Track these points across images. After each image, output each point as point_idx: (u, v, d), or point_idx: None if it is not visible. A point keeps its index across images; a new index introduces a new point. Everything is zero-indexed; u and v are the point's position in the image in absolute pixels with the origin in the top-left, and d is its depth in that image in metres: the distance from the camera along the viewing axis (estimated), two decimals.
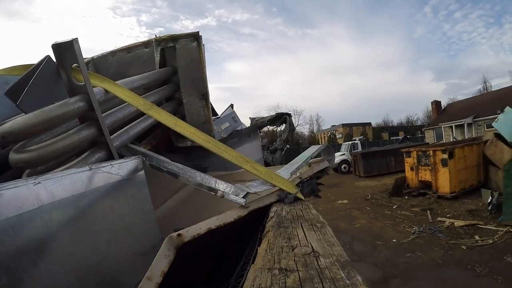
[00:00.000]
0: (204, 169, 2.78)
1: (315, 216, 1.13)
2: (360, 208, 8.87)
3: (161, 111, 1.62)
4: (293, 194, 1.40)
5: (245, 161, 1.45)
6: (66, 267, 0.98)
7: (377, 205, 9.00)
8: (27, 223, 0.89)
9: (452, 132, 22.24)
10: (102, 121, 1.49)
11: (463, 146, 8.66)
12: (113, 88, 1.64)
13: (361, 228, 7.06)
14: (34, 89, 1.45)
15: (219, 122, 3.57)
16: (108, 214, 1.19)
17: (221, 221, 1.11)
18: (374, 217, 7.77)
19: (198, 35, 2.55)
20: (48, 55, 1.53)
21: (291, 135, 4.41)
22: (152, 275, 0.81)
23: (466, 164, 8.51)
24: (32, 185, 0.93)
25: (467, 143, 9.36)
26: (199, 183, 1.43)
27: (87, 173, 1.14)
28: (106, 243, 1.15)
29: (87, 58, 2.65)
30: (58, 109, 1.30)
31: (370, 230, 6.81)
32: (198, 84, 2.67)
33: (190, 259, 1.26)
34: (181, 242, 0.94)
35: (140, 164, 1.43)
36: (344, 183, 13.99)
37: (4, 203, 0.85)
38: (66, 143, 1.33)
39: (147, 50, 2.62)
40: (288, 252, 0.77)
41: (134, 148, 1.79)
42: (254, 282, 0.62)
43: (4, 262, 0.82)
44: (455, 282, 4.06)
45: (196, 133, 1.54)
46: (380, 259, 5.16)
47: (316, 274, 0.62)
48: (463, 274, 4.23)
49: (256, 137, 3.68)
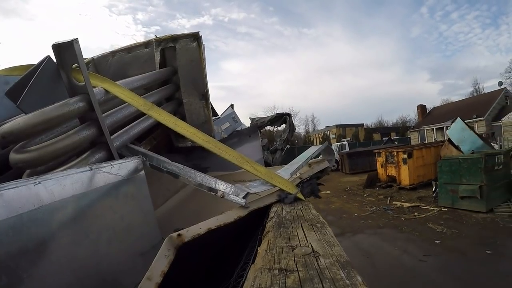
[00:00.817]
0: (204, 169, 2.78)
1: (315, 216, 1.13)
2: (339, 196, 11.12)
3: (161, 111, 1.62)
4: (293, 194, 1.40)
5: (245, 161, 1.46)
6: (66, 267, 0.98)
7: (352, 194, 11.34)
8: (27, 223, 0.89)
9: (434, 134, 24.68)
10: (102, 121, 1.49)
11: (421, 148, 11.02)
12: (113, 88, 1.64)
13: (335, 208, 9.37)
14: (34, 89, 1.45)
15: (219, 122, 3.58)
16: (108, 214, 1.19)
17: (221, 221, 1.11)
18: (347, 202, 10.18)
19: (198, 35, 2.55)
20: (48, 56, 1.53)
21: (292, 135, 4.41)
22: (152, 275, 0.82)
23: (424, 162, 10.70)
24: (33, 185, 0.93)
25: (425, 146, 11.80)
26: (199, 183, 1.43)
27: (88, 173, 1.14)
28: (106, 243, 1.15)
29: (87, 58, 2.65)
30: (58, 109, 1.30)
31: (341, 209, 9.19)
32: (198, 84, 2.67)
33: (190, 259, 1.26)
34: (181, 242, 0.94)
35: (140, 164, 1.43)
36: (331, 179, 15.72)
37: (4, 203, 0.85)
38: (66, 143, 1.33)
39: (147, 50, 2.62)
40: (288, 252, 0.77)
41: (134, 148, 1.79)
42: (254, 282, 0.62)
43: (4, 262, 0.82)
44: (386, 235, 6.36)
45: (196, 133, 1.55)
46: (342, 224, 7.44)
47: (316, 274, 0.62)
48: (394, 231, 6.50)
49: (256, 137, 3.68)
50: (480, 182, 6.76)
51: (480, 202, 6.80)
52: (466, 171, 7.11)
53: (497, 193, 7.11)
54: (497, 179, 7.09)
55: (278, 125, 4.44)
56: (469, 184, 7.00)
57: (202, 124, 2.69)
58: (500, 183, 7.21)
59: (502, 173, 7.39)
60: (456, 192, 7.26)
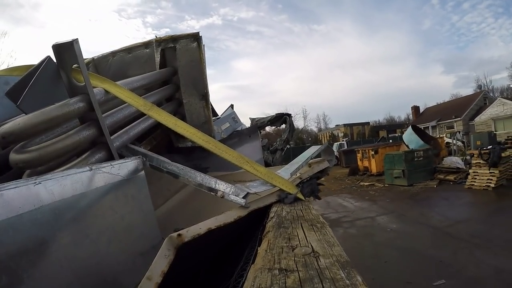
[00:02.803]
0: (204, 169, 2.78)
1: (315, 216, 1.13)
2: (328, 182, 14.11)
3: (161, 112, 1.62)
4: (293, 195, 1.40)
5: (245, 161, 1.46)
6: (66, 267, 0.98)
7: (339, 180, 15.42)
8: (27, 223, 0.89)
9: None
10: (102, 122, 1.49)
11: (384, 147, 15.46)
12: (113, 89, 1.64)
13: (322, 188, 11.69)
14: (35, 89, 1.45)
15: (219, 122, 3.57)
16: (108, 214, 1.19)
17: (221, 221, 1.11)
18: (333, 184, 13.85)
19: (198, 36, 2.55)
20: (48, 56, 1.53)
21: (292, 135, 4.41)
22: (152, 275, 0.82)
23: None
24: (33, 186, 0.93)
25: (388, 145, 16.62)
26: (199, 184, 1.43)
27: (88, 174, 1.14)
28: (106, 243, 1.15)
29: (88, 59, 2.65)
30: (58, 110, 1.30)
31: (326, 188, 11.87)
32: (198, 84, 2.67)
33: (190, 259, 1.26)
34: (181, 242, 0.94)
35: (140, 164, 1.43)
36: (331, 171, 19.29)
37: (4, 203, 0.85)
38: (66, 143, 1.33)
39: (147, 51, 2.62)
40: (288, 253, 0.77)
41: (135, 148, 1.79)
42: (254, 282, 0.62)
43: (4, 262, 0.82)
44: (342, 196, 10.79)
45: (196, 134, 1.54)
46: (323, 194, 8.37)
47: (316, 275, 0.62)
48: (347, 195, 10.99)
49: (256, 137, 3.68)
50: (403, 168, 11.03)
51: (404, 180, 11.00)
52: (397, 161, 11.39)
53: (418, 175, 11.00)
54: (417, 167, 11.09)
55: (278, 125, 4.44)
56: (398, 169, 11.26)
57: (202, 125, 2.69)
58: (421, 169, 11.14)
59: (424, 162, 11.26)
60: (392, 174, 11.51)
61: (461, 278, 3.99)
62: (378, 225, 6.82)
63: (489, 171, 8.63)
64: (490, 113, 22.76)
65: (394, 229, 6.35)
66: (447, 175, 10.70)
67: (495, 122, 21.95)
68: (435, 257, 4.64)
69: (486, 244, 4.95)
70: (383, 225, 6.76)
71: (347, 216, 7.91)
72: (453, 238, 5.40)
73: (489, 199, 7.72)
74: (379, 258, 4.92)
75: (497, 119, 21.91)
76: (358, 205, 9.17)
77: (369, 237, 6.07)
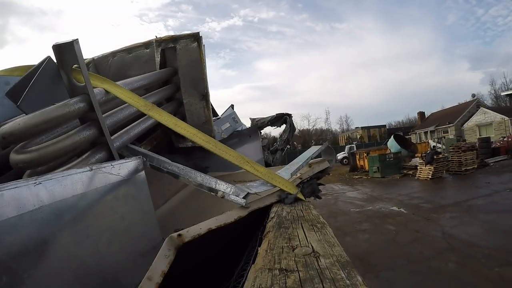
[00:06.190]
0: (205, 169, 2.78)
1: (316, 216, 1.13)
2: (334, 176, 19.22)
3: (162, 112, 1.62)
4: (293, 195, 1.40)
5: (246, 161, 1.45)
6: (66, 267, 0.98)
7: (341, 175, 20.32)
8: (27, 223, 0.89)
9: (426, 137, 32.53)
10: (102, 122, 1.49)
11: (375, 150, 21.00)
12: (114, 89, 1.64)
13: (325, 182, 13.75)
14: (35, 89, 1.46)
15: (219, 122, 3.58)
16: (109, 214, 1.19)
17: (222, 221, 1.11)
18: (335, 177, 18.76)
19: (198, 36, 2.55)
20: (48, 56, 1.53)
21: (292, 135, 4.40)
22: (152, 275, 0.81)
23: None
24: (33, 186, 0.93)
25: (378, 148, 22.29)
26: (199, 184, 1.43)
27: (88, 174, 1.14)
28: (106, 243, 1.15)
29: (88, 59, 2.66)
30: (58, 110, 1.30)
31: (330, 180, 17.22)
32: (199, 84, 2.68)
33: (191, 259, 1.26)
34: (182, 242, 0.94)
35: (140, 164, 1.43)
36: (340, 169, 25.18)
37: (4, 204, 0.85)
38: (66, 143, 1.33)
39: (147, 51, 2.62)
40: (289, 253, 0.77)
41: (135, 148, 1.79)
42: (255, 282, 0.62)
43: (4, 262, 0.82)
44: (337, 183, 16.57)
45: (196, 134, 1.54)
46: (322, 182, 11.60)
47: (316, 275, 0.62)
48: (340, 183, 16.50)
49: (256, 137, 3.68)
50: (378, 165, 16.28)
51: (378, 174, 16.20)
52: (375, 161, 16.61)
53: (389, 170, 16.04)
54: (389, 165, 16.29)
55: (278, 125, 4.44)
56: (375, 166, 16.49)
57: (202, 125, 2.69)
58: (392, 166, 16.24)
59: (394, 162, 16.49)
60: (372, 170, 16.81)
61: None
62: (344, 194, 12.72)
63: (427, 167, 13.29)
64: (475, 120, 27.66)
65: (352, 196, 11.96)
66: (409, 171, 15.83)
67: (479, 128, 26.85)
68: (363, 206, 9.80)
69: (418, 204, 8.94)
70: (347, 195, 12.39)
71: (331, 193, 13.00)
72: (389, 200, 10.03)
73: (426, 184, 12.36)
74: (337, 206, 10.28)
75: (480, 125, 26.84)
76: (341, 187, 14.87)
77: (336, 199, 11.71)
